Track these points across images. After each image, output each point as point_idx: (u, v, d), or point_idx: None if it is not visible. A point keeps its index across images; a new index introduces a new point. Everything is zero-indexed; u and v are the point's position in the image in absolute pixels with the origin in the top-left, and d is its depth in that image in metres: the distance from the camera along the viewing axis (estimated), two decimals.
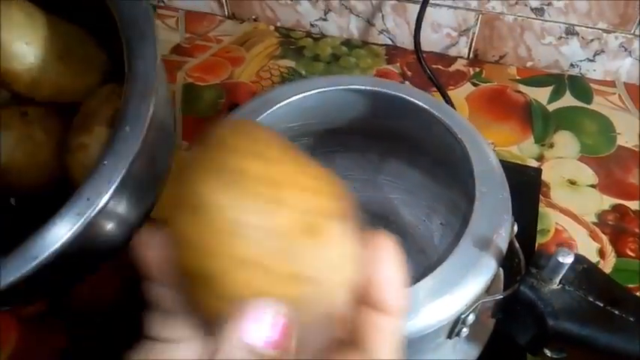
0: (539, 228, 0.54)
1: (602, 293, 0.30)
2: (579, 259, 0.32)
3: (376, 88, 0.40)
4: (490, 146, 0.38)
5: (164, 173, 0.34)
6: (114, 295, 0.49)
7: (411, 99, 0.39)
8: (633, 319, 0.29)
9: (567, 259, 0.29)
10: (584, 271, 0.31)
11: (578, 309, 0.30)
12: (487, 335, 0.37)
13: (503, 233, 0.33)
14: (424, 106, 0.39)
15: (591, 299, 0.30)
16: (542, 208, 0.55)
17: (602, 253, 0.53)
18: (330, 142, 0.48)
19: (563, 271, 0.30)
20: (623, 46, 0.63)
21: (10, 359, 0.47)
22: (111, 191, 0.27)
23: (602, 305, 0.30)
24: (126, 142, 0.28)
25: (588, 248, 0.53)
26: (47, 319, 0.48)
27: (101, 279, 0.51)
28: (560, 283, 0.31)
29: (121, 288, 0.49)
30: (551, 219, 0.55)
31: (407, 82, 0.68)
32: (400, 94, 0.39)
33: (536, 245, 0.52)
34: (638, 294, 0.50)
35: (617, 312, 0.30)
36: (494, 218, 0.33)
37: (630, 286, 0.51)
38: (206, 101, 0.66)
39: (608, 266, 0.52)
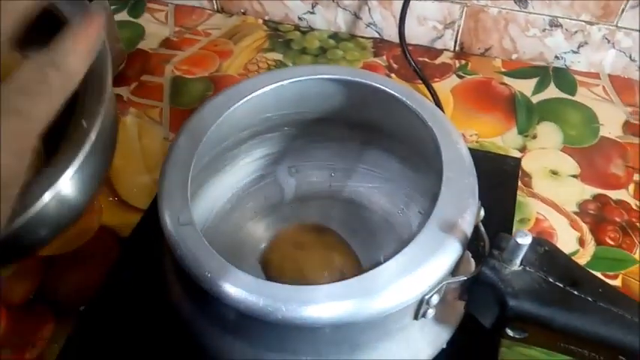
0: (520, 217, 0.54)
1: (563, 274, 0.31)
2: (541, 241, 0.32)
3: (348, 77, 0.41)
4: (459, 134, 0.38)
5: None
6: (98, 284, 0.50)
7: (383, 87, 0.40)
8: (591, 299, 0.30)
9: (525, 241, 0.29)
10: (546, 253, 0.32)
11: (538, 290, 0.30)
12: (458, 318, 0.38)
13: (469, 217, 0.34)
14: (395, 94, 0.39)
15: (552, 280, 0.31)
16: (524, 198, 0.56)
17: (581, 242, 0.53)
18: (309, 131, 0.49)
19: (523, 253, 0.30)
20: (606, 38, 0.64)
21: None
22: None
23: (562, 286, 0.31)
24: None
25: (568, 237, 0.53)
26: (35, 307, 0.49)
27: (88, 267, 0.52)
28: (521, 264, 0.31)
29: (104, 276, 0.50)
30: (532, 208, 0.55)
31: (393, 75, 0.68)
32: (372, 83, 0.40)
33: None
34: (616, 281, 0.51)
35: (576, 292, 0.30)
36: (460, 202, 0.34)
37: (609, 273, 0.51)
38: (194, 94, 0.67)
39: (587, 254, 0.52)
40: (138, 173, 0.60)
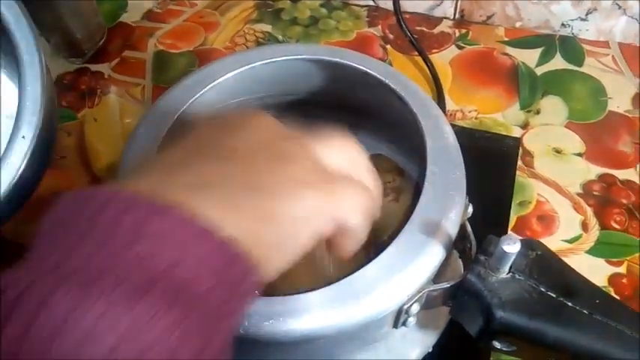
0: (519, 200, 0.51)
1: (556, 282, 0.28)
2: (532, 244, 0.29)
3: (326, 58, 0.37)
4: (446, 120, 0.35)
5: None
6: None
7: (363, 68, 0.36)
8: (587, 312, 0.27)
9: (512, 249, 0.26)
10: (538, 258, 0.29)
11: (528, 300, 0.27)
12: (443, 323, 0.35)
13: (454, 217, 0.30)
14: (376, 75, 0.36)
15: (543, 289, 0.28)
16: (525, 179, 0.53)
17: (585, 226, 0.50)
18: (292, 116, 0.45)
19: (510, 261, 0.27)
20: (616, 4, 0.59)
21: None
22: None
23: (554, 296, 0.28)
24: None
25: (571, 220, 0.50)
26: None
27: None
28: (510, 271, 0.28)
29: None
30: (533, 190, 0.52)
31: (388, 46, 0.64)
32: (351, 64, 0.37)
33: (515, 218, 0.50)
34: (620, 268, 0.48)
35: (570, 303, 0.27)
36: (445, 201, 0.31)
37: (613, 260, 0.48)
38: (178, 69, 0.63)
39: (590, 239, 0.49)
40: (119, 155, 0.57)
